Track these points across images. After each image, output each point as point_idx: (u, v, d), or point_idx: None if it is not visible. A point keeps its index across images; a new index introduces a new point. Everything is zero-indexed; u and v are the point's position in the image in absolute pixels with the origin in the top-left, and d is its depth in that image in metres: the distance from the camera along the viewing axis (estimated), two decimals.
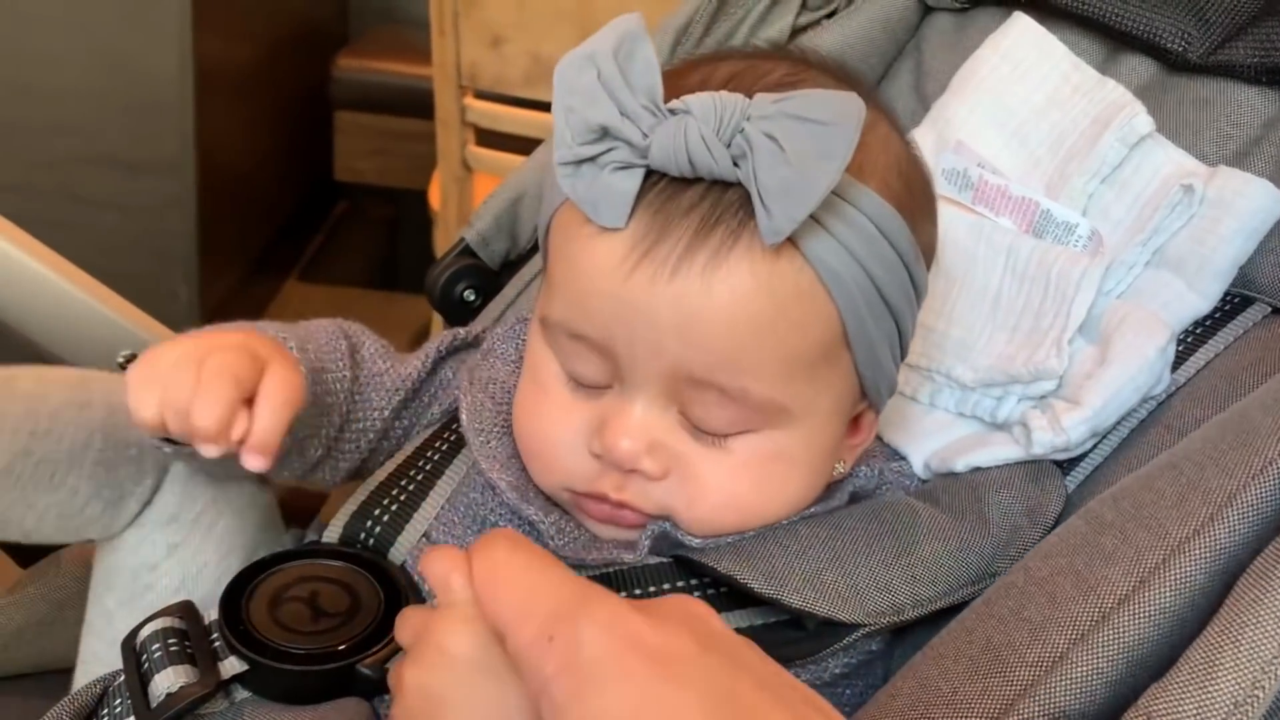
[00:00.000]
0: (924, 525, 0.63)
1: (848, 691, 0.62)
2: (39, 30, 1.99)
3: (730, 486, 0.60)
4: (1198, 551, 0.51)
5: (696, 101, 0.54)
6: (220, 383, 0.57)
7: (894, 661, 0.64)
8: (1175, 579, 0.51)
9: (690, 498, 0.60)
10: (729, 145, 0.53)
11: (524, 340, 0.70)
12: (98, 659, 0.68)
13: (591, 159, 0.55)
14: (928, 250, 0.65)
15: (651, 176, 0.55)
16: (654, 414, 0.58)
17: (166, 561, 0.69)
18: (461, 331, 0.76)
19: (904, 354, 0.65)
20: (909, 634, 0.63)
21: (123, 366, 0.80)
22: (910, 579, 0.60)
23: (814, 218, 0.54)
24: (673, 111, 0.54)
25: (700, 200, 0.55)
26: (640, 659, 0.39)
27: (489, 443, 0.65)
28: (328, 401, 0.68)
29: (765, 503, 0.61)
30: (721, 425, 0.58)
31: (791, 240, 0.54)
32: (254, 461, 0.58)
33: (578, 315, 0.58)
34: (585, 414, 0.60)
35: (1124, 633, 0.50)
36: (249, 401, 0.59)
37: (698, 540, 0.61)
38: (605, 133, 0.54)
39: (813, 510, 0.63)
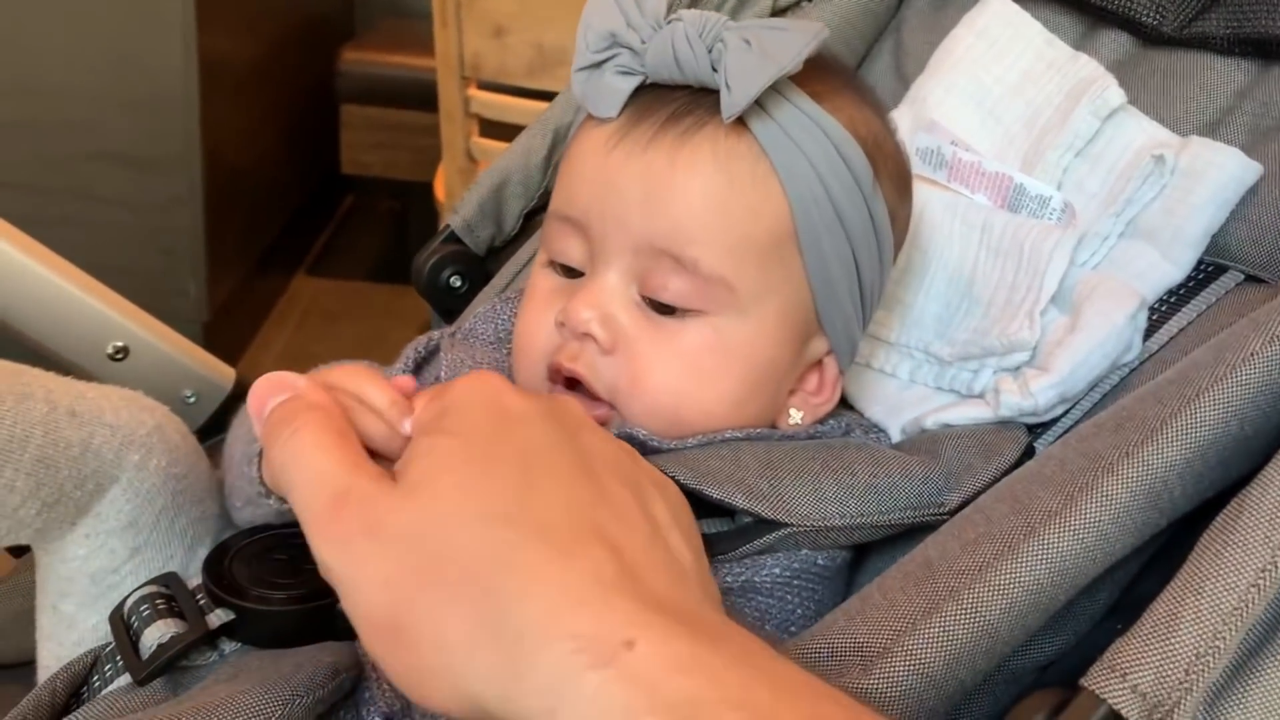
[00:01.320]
0: (867, 454, 0.65)
1: (794, 599, 0.63)
2: (44, 29, 2.00)
3: (671, 366, 0.63)
4: (1126, 472, 0.53)
5: (687, 13, 0.63)
6: None
7: (852, 590, 0.65)
8: (1103, 495, 0.52)
9: (633, 375, 0.63)
10: (710, 51, 0.61)
11: (501, 321, 0.75)
12: (60, 661, 0.67)
13: (598, 65, 0.63)
14: (900, 221, 0.68)
15: (649, 88, 0.63)
16: (616, 290, 0.63)
17: (129, 563, 0.68)
18: (436, 334, 0.77)
19: (868, 306, 0.68)
20: (868, 562, 0.66)
21: (113, 358, 0.81)
22: (843, 494, 0.62)
23: (775, 120, 0.62)
24: (668, 23, 0.62)
25: (680, 100, 0.63)
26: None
27: None
28: None
29: (700, 391, 0.63)
30: (673, 297, 0.63)
31: (753, 135, 0.62)
32: None
33: (566, 197, 0.66)
34: (561, 299, 0.65)
35: (1049, 545, 0.52)
36: None
37: (654, 439, 0.63)
38: (613, 40, 0.63)
39: (760, 432, 0.65)
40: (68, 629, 0.68)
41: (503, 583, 0.39)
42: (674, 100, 0.63)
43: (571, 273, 0.66)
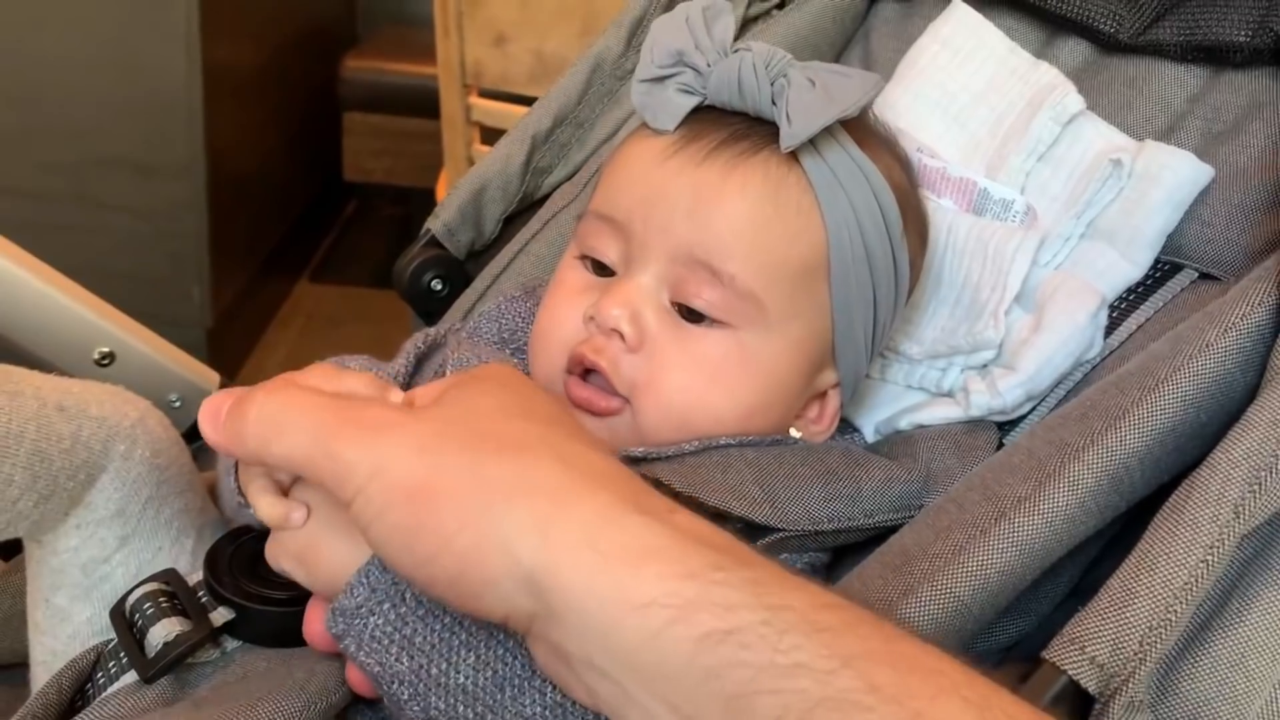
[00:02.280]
0: (853, 458, 0.68)
1: None
2: (49, 36, 2.01)
3: (691, 370, 0.65)
4: (1091, 458, 0.55)
5: (757, 45, 0.66)
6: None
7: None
8: (1070, 480, 0.55)
9: (653, 374, 0.65)
10: (773, 84, 0.64)
11: (506, 321, 0.77)
12: (55, 655, 0.68)
13: (662, 79, 0.67)
14: (916, 269, 0.72)
15: (706, 109, 0.67)
16: (648, 292, 0.66)
17: (119, 553, 0.69)
18: (433, 331, 0.79)
19: (876, 346, 0.70)
20: (844, 561, 0.67)
21: (99, 364, 0.81)
22: (829, 497, 0.64)
23: (824, 158, 0.65)
24: (735, 51, 0.66)
25: (737, 124, 0.66)
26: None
27: None
28: None
29: (715, 397, 0.65)
30: (704, 306, 0.65)
31: (802, 169, 0.65)
32: None
33: (610, 197, 0.68)
34: (590, 294, 0.67)
35: (1019, 529, 0.55)
36: None
37: (653, 451, 0.64)
38: (680, 58, 0.66)
39: (751, 439, 0.67)
40: (61, 622, 0.69)
41: (538, 453, 0.44)
42: (730, 124, 0.66)
43: (603, 270, 0.68)
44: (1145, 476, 0.57)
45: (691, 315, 0.65)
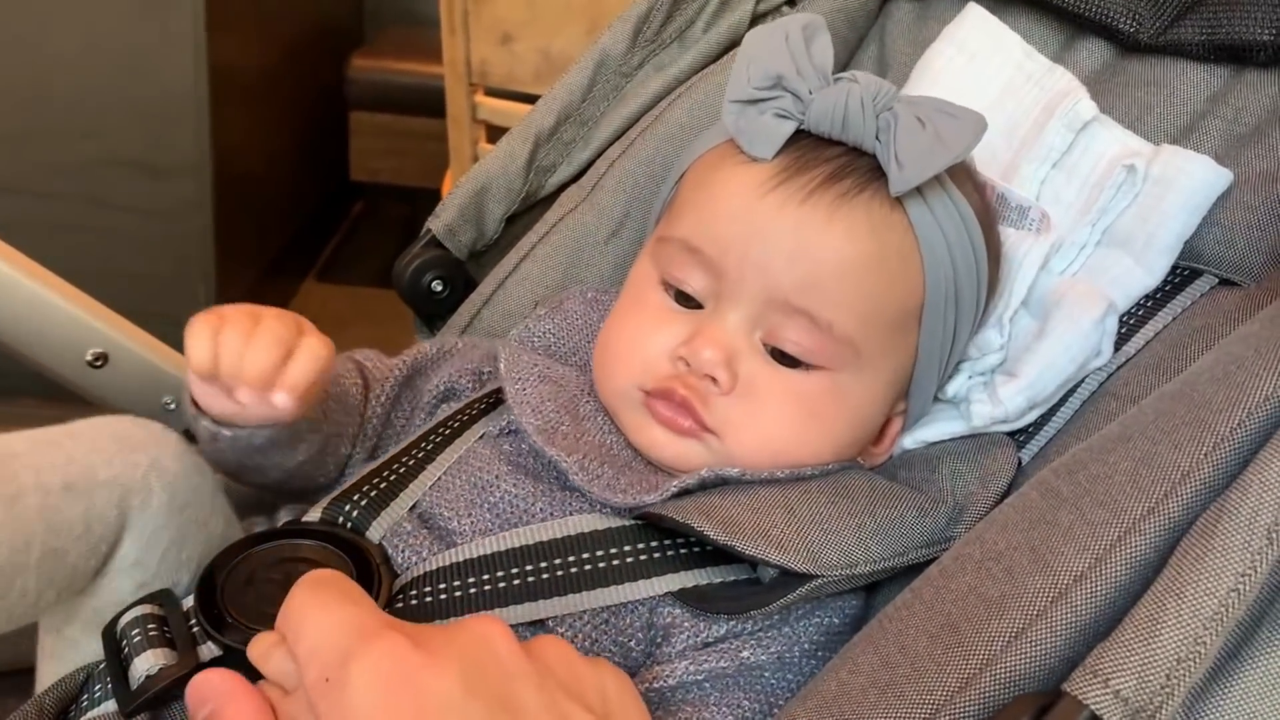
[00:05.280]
0: (880, 492, 0.66)
1: (818, 668, 0.63)
2: (56, 36, 2.01)
3: (786, 414, 0.64)
4: (1151, 530, 0.52)
5: (863, 75, 0.63)
6: (269, 337, 0.65)
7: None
8: (1129, 556, 0.51)
9: (747, 416, 0.64)
10: (878, 117, 0.62)
11: (539, 339, 0.76)
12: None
13: (757, 101, 0.64)
14: (991, 286, 0.71)
15: (800, 135, 0.64)
16: (741, 334, 0.64)
17: (135, 595, 0.67)
18: (430, 347, 0.79)
19: (945, 377, 0.70)
20: (874, 606, 0.65)
21: (92, 365, 0.80)
22: (863, 538, 0.62)
23: (926, 201, 0.63)
24: (838, 81, 0.64)
25: (838, 156, 0.64)
26: (404, 701, 0.41)
27: (524, 389, 0.69)
28: (349, 403, 0.74)
29: (808, 438, 0.65)
30: (799, 351, 0.64)
31: (905, 211, 0.63)
32: (283, 400, 0.64)
33: (703, 230, 0.65)
34: (676, 326, 0.66)
35: (1080, 609, 0.51)
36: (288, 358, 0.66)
37: (737, 471, 0.64)
38: (778, 82, 0.63)
39: (778, 476, 0.65)
40: (71, 649, 0.68)
41: None
42: (832, 157, 0.64)
43: (687, 299, 0.66)
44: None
45: (785, 357, 0.64)
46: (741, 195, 0.64)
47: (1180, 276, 0.72)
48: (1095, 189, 0.74)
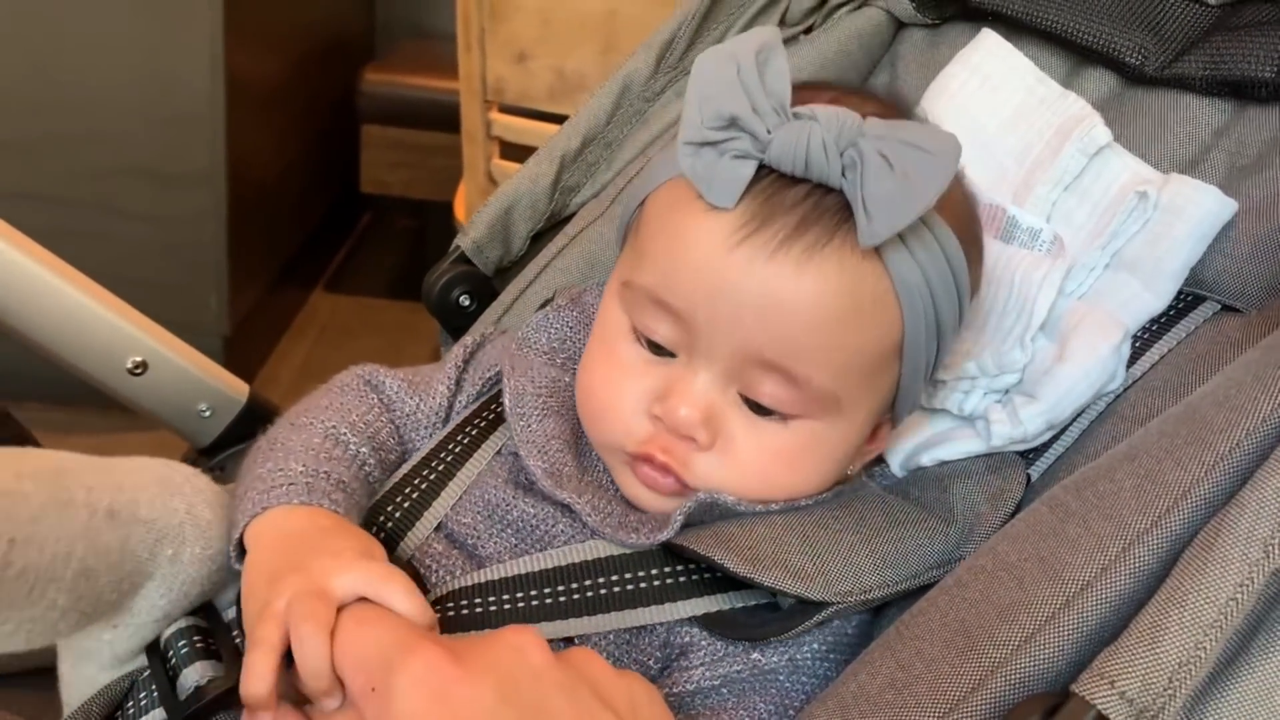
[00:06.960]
0: (893, 515, 0.68)
1: (832, 671, 0.65)
2: (73, 45, 2.02)
3: (768, 464, 0.64)
4: (1154, 542, 0.55)
5: (823, 111, 0.59)
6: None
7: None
8: (1133, 567, 0.54)
9: (728, 469, 0.64)
10: (842, 155, 0.58)
11: (554, 331, 0.76)
12: (83, 700, 0.67)
13: (714, 143, 0.60)
14: (974, 289, 0.70)
15: (762, 171, 0.60)
16: (716, 389, 0.63)
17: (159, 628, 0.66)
18: (469, 341, 0.79)
19: (930, 376, 0.70)
20: (886, 615, 0.67)
21: (132, 373, 0.81)
22: (877, 564, 0.64)
23: (904, 241, 0.60)
24: (797, 116, 0.60)
25: (804, 199, 0.60)
26: (443, 711, 0.45)
27: (530, 426, 0.69)
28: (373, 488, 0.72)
29: (791, 485, 0.66)
30: (775, 404, 0.63)
31: (877, 251, 0.60)
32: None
33: (668, 283, 0.63)
34: (649, 379, 0.65)
35: (1086, 616, 0.54)
36: None
37: (742, 505, 0.65)
38: (734, 123, 0.59)
39: (773, 509, 0.67)
40: (89, 686, 0.67)
41: None
42: (798, 200, 0.60)
43: (659, 349, 0.65)
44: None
45: (762, 409, 0.64)
46: (705, 248, 0.61)
47: (1184, 302, 0.74)
48: (1107, 213, 0.76)
